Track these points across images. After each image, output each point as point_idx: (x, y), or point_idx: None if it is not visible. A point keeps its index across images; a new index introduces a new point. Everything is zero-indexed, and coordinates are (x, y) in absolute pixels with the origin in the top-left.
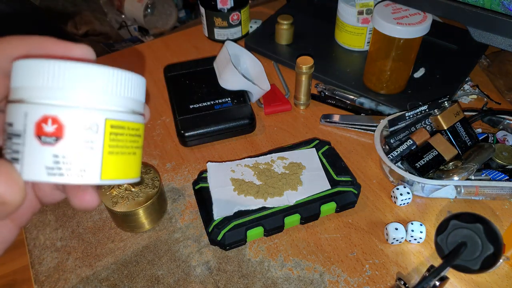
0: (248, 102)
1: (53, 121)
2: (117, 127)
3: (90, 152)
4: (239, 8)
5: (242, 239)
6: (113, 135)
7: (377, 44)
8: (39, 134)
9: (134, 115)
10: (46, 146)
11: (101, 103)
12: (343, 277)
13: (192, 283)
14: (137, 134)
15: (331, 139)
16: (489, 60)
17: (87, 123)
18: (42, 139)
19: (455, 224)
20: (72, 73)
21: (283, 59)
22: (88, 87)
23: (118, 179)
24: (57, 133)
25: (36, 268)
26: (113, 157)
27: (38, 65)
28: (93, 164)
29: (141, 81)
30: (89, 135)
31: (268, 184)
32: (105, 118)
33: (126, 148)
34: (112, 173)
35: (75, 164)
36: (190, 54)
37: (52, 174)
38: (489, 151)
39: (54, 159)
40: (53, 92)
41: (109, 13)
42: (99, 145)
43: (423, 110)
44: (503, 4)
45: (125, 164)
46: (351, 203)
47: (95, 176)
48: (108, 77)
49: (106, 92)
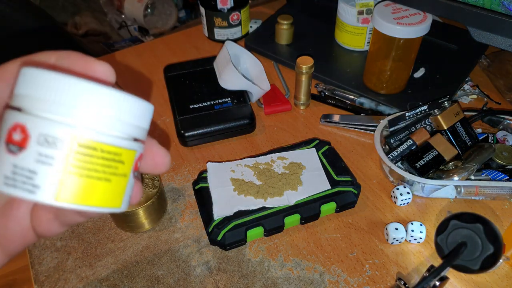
0: (248, 102)
1: (21, 129)
2: (87, 147)
3: (47, 169)
4: (239, 8)
5: (242, 239)
6: (80, 154)
7: (377, 44)
8: (8, 141)
9: (117, 138)
10: (9, 154)
11: (71, 117)
12: (343, 277)
13: (192, 283)
14: (115, 159)
15: (331, 139)
16: (489, 60)
17: (50, 136)
18: (9, 147)
19: (455, 224)
20: (43, 82)
21: (283, 59)
22: (59, 99)
23: (80, 204)
24: (21, 143)
25: (36, 268)
26: (75, 178)
27: (22, 72)
28: (48, 181)
29: (142, 105)
30: (50, 150)
31: (268, 184)
32: (71, 134)
33: (96, 172)
34: (71, 196)
35: (29, 178)
36: (190, 54)
37: (6, 185)
38: (489, 151)
39: (13, 169)
40: (29, 101)
41: (109, 13)
42: (59, 162)
43: (423, 110)
44: (503, 4)
45: (90, 189)
46: (351, 203)
47: (48, 195)
48: (85, 89)
49: (77, 106)
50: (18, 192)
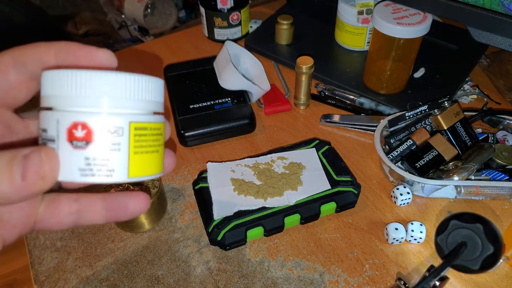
0: (248, 102)
1: (83, 126)
2: (141, 129)
3: (117, 154)
4: (239, 8)
5: (242, 239)
6: (137, 136)
7: (377, 44)
8: (71, 139)
9: (155, 116)
10: (77, 150)
11: (124, 108)
12: (343, 277)
13: (192, 283)
14: (158, 133)
15: (331, 139)
16: (489, 60)
17: (113, 127)
18: (74, 144)
19: (455, 224)
20: (96, 82)
21: (283, 59)
22: (111, 94)
23: (143, 176)
24: (86, 138)
25: (36, 268)
26: (138, 156)
27: (64, 76)
28: (120, 164)
29: (159, 83)
30: (115, 138)
31: (268, 184)
32: (129, 122)
33: (150, 147)
34: (138, 171)
35: (104, 165)
36: (190, 54)
37: (84, 175)
38: (489, 151)
39: (85, 161)
40: (80, 100)
41: (109, 13)
42: (125, 147)
43: (423, 110)
44: (503, 4)
45: (149, 162)
46: (351, 203)
47: (123, 175)
48: (129, 83)
49: (128, 97)
50: (97, 179)
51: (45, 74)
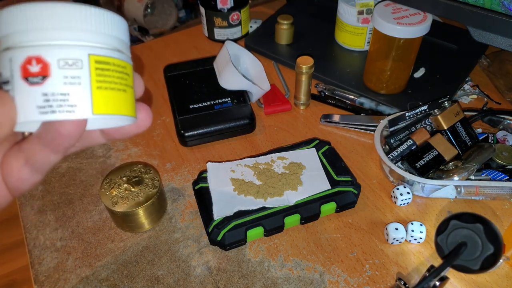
0: (248, 102)
1: (37, 61)
2: (102, 63)
3: (78, 88)
4: (239, 8)
5: (242, 239)
6: (99, 70)
7: (377, 44)
8: (26, 76)
9: (119, 53)
10: (34, 86)
11: (82, 40)
12: (343, 277)
13: (192, 283)
14: (124, 72)
15: (331, 139)
16: (489, 60)
17: (70, 59)
18: (29, 80)
19: (455, 224)
20: (50, 13)
21: (283, 59)
22: (67, 26)
23: (111, 113)
24: (42, 72)
25: (36, 268)
26: (102, 91)
27: (17, 11)
28: (82, 98)
29: (122, 22)
30: (74, 71)
31: (268, 184)
32: (88, 54)
33: (115, 84)
34: (104, 107)
35: (65, 100)
36: (190, 54)
37: (44, 113)
38: (489, 151)
39: (44, 98)
40: (34, 34)
41: None
42: (86, 80)
43: (423, 110)
44: (503, 4)
45: (116, 99)
46: (351, 203)
47: (86, 110)
48: (86, 14)
49: (86, 29)
50: (58, 116)
51: (4, 12)
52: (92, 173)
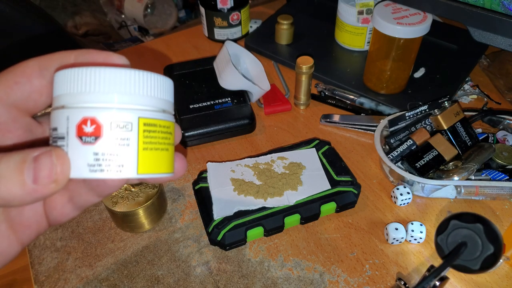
0: (248, 102)
1: (92, 122)
2: (150, 125)
3: (126, 149)
4: (239, 8)
5: (242, 239)
6: (146, 132)
7: (377, 44)
8: (80, 135)
9: (165, 113)
10: (86, 145)
11: (133, 104)
12: (343, 277)
13: (192, 283)
14: (168, 131)
15: (331, 139)
16: (489, 60)
17: (122, 122)
18: (83, 139)
19: (455, 224)
20: (105, 78)
21: (283, 59)
22: (121, 90)
23: (153, 173)
24: (95, 133)
25: (36, 268)
26: (147, 152)
27: (74, 73)
28: (130, 159)
29: (169, 83)
30: (124, 133)
31: (268, 184)
32: (138, 117)
33: (159, 144)
34: (147, 167)
35: (113, 160)
36: (190, 54)
37: (93, 171)
38: (489, 151)
39: (94, 157)
40: (90, 97)
41: (109, 13)
42: (134, 142)
43: (423, 110)
44: (503, 4)
45: (159, 159)
46: (351, 203)
47: (132, 170)
48: (138, 79)
49: (137, 93)
50: (105, 174)
51: (56, 75)
52: None
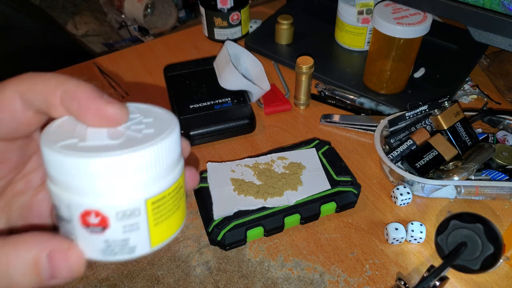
0: (248, 102)
1: (96, 214)
2: (158, 201)
3: (136, 232)
4: (239, 8)
5: (242, 239)
6: (156, 209)
7: (377, 44)
8: (86, 225)
9: (173, 173)
10: (95, 234)
11: (139, 189)
12: (343, 277)
13: (192, 283)
14: (178, 189)
15: (331, 139)
16: (489, 60)
17: (128, 211)
18: (89, 229)
19: (455, 224)
20: (106, 169)
21: (283, 59)
22: (122, 178)
23: (166, 240)
24: (102, 224)
25: None
26: (159, 226)
27: (70, 163)
28: (141, 240)
29: (175, 138)
30: (132, 219)
31: (268, 184)
32: (145, 200)
33: (170, 211)
34: (160, 238)
35: (125, 245)
36: (190, 54)
37: (106, 255)
38: (489, 151)
39: (105, 244)
40: (90, 188)
41: (109, 13)
42: (144, 224)
43: (423, 110)
44: (503, 4)
45: (170, 224)
46: (351, 203)
47: (145, 248)
48: (141, 161)
49: (141, 176)
50: (119, 257)
51: (47, 153)
52: None
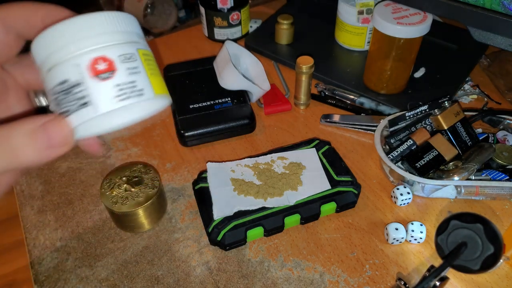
0: (248, 102)
1: (103, 59)
2: (146, 55)
3: (139, 75)
4: (239, 7)
5: (242, 239)
6: (146, 60)
7: (377, 44)
8: (96, 74)
9: (146, 44)
10: (106, 81)
11: (130, 39)
12: (343, 277)
13: (192, 283)
14: (151, 56)
15: (331, 139)
16: (489, 60)
17: (128, 54)
18: (100, 77)
19: (455, 224)
20: (96, 22)
21: (283, 59)
22: (117, 29)
23: (164, 93)
24: (110, 68)
25: (36, 268)
26: (154, 77)
27: (63, 27)
28: (145, 83)
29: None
30: (132, 63)
31: (268, 184)
32: (136, 48)
33: (155, 70)
34: (159, 89)
35: (133, 87)
36: (190, 54)
37: (121, 100)
38: (489, 151)
39: (117, 88)
40: (93, 40)
41: None
42: (142, 69)
43: (423, 110)
44: (503, 4)
45: (161, 82)
46: (351, 203)
47: (151, 92)
48: (122, 17)
49: (131, 30)
50: (132, 100)
51: (39, 38)
52: (92, 173)
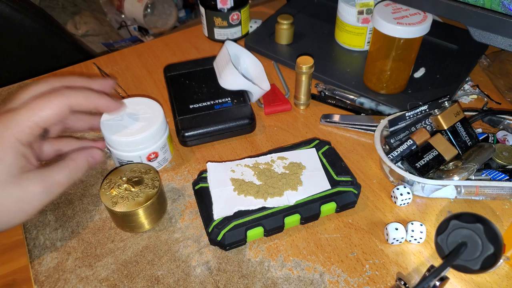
0: (248, 102)
1: (154, 154)
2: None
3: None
4: (239, 7)
5: (242, 239)
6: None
7: (377, 44)
8: (149, 160)
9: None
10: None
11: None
12: (343, 277)
13: (192, 283)
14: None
15: (331, 139)
16: (489, 60)
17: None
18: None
19: (455, 224)
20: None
21: (283, 59)
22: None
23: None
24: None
25: (36, 268)
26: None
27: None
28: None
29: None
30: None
31: (268, 184)
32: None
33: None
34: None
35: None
36: (190, 54)
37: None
38: (489, 151)
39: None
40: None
41: (109, 13)
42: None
43: (423, 110)
44: (503, 4)
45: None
46: (351, 203)
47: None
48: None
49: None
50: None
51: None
52: (92, 173)
